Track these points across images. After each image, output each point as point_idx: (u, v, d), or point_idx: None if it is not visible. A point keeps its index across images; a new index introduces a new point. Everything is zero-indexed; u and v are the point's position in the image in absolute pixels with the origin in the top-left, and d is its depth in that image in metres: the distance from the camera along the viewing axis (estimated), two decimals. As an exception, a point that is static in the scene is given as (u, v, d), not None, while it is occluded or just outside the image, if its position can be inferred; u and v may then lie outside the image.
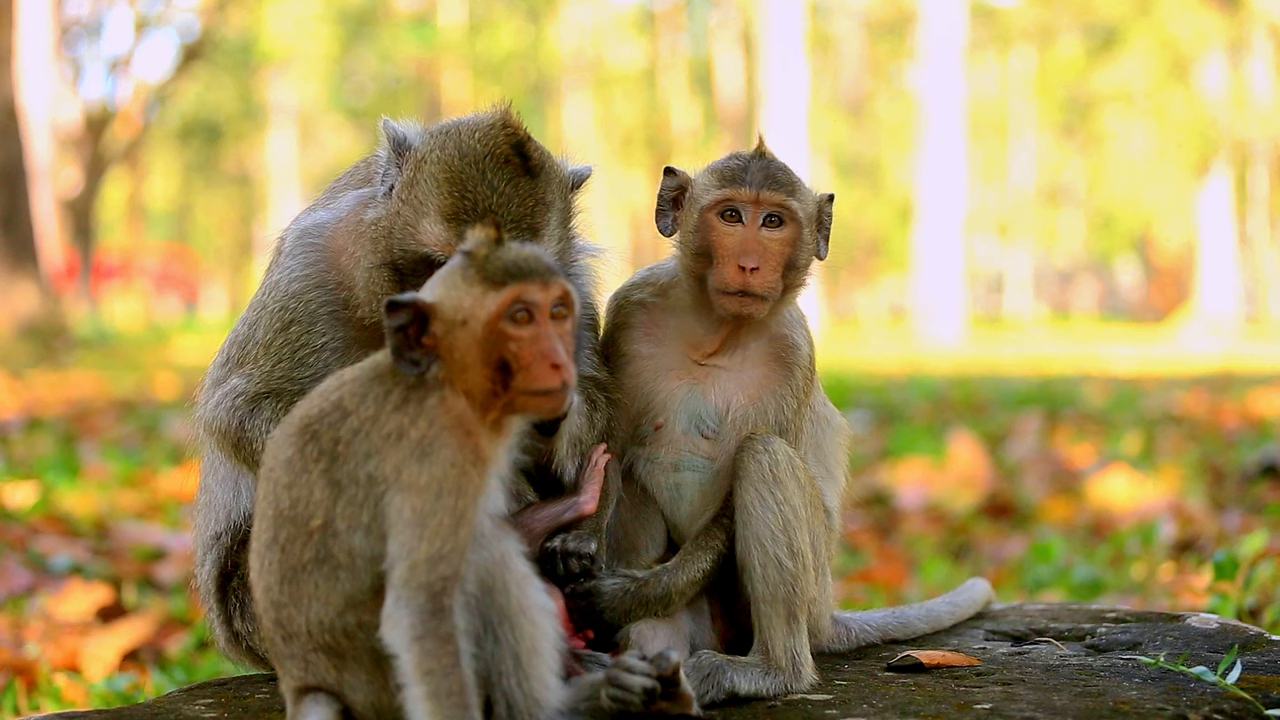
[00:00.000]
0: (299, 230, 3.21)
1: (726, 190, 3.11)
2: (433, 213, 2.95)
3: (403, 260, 2.98)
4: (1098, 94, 47.39)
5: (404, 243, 2.98)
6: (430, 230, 2.95)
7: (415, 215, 2.97)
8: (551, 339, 2.50)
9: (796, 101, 35.24)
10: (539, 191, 2.98)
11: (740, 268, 3.06)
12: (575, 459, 3.11)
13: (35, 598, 5.51)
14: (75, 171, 34.37)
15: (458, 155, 2.97)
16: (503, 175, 2.96)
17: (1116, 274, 68.39)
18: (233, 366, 3.17)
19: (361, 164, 3.33)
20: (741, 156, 3.17)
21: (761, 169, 3.13)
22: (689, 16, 57.63)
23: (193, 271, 62.22)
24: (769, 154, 3.18)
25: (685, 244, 3.17)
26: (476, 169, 2.95)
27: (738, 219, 3.10)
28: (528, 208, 2.96)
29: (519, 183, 2.96)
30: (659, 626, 3.07)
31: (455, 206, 2.93)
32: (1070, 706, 2.83)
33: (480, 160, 2.96)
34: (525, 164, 2.98)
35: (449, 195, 2.94)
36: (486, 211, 2.91)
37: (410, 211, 2.98)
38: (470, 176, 2.95)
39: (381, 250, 3.01)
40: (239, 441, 3.08)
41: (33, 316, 21.35)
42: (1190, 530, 6.81)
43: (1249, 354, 26.06)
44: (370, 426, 2.50)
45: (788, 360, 3.20)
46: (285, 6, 46.77)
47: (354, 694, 2.56)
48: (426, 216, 2.95)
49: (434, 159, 2.98)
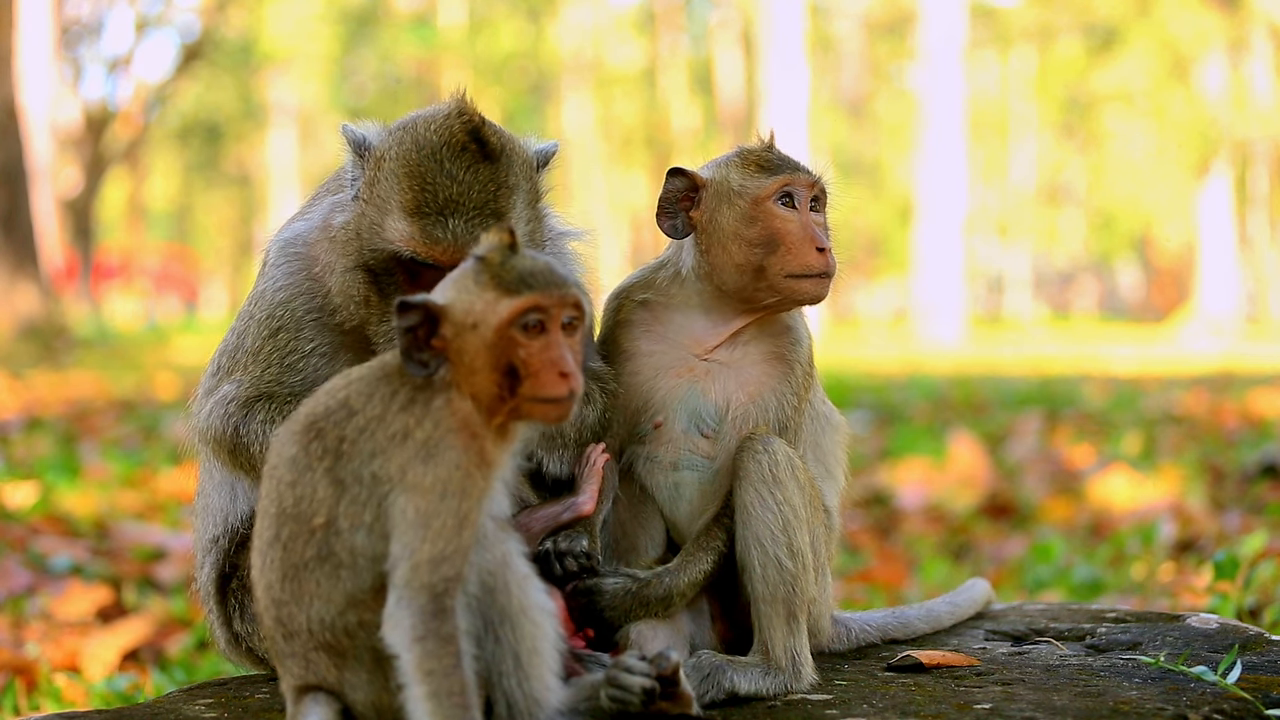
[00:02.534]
0: (281, 241, 3.23)
1: (785, 176, 3.14)
2: (396, 209, 2.94)
3: (373, 260, 2.98)
4: (1098, 94, 47.40)
5: (371, 242, 2.97)
6: (395, 227, 2.94)
7: (379, 214, 2.96)
8: (561, 348, 2.50)
9: (796, 101, 35.23)
10: (500, 175, 2.96)
11: (820, 249, 3.11)
12: (554, 451, 3.12)
13: (35, 598, 5.51)
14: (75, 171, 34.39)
15: (415, 149, 2.96)
16: (461, 163, 2.94)
17: (1116, 274, 68.40)
18: (223, 375, 3.19)
19: (340, 170, 3.33)
20: (764, 148, 3.22)
21: (793, 157, 3.21)
22: (689, 16, 57.64)
23: (193, 271, 62.25)
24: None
25: (735, 237, 3.15)
26: (434, 160, 2.94)
27: (792, 204, 3.15)
28: (489, 193, 2.94)
29: (478, 169, 2.94)
30: (659, 626, 3.07)
31: (417, 200, 2.92)
32: (1070, 706, 2.83)
33: (437, 151, 2.95)
34: (483, 150, 2.96)
35: (410, 190, 2.93)
36: (448, 202, 2.91)
37: (374, 211, 2.97)
38: (429, 169, 2.94)
39: (352, 253, 3.01)
40: (235, 447, 3.09)
41: (33, 316, 21.36)
42: (1190, 530, 6.81)
43: (1249, 354, 26.06)
44: (376, 426, 2.50)
45: (788, 356, 3.21)
46: (285, 6, 46.77)
47: (354, 693, 2.56)
48: (390, 214, 2.95)
49: (393, 155, 2.98)
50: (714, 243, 3.18)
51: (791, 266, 3.11)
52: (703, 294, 3.20)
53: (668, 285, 3.25)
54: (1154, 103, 44.75)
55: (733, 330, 3.19)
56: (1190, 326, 39.39)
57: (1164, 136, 44.41)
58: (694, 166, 3.26)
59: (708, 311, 3.20)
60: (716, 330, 3.20)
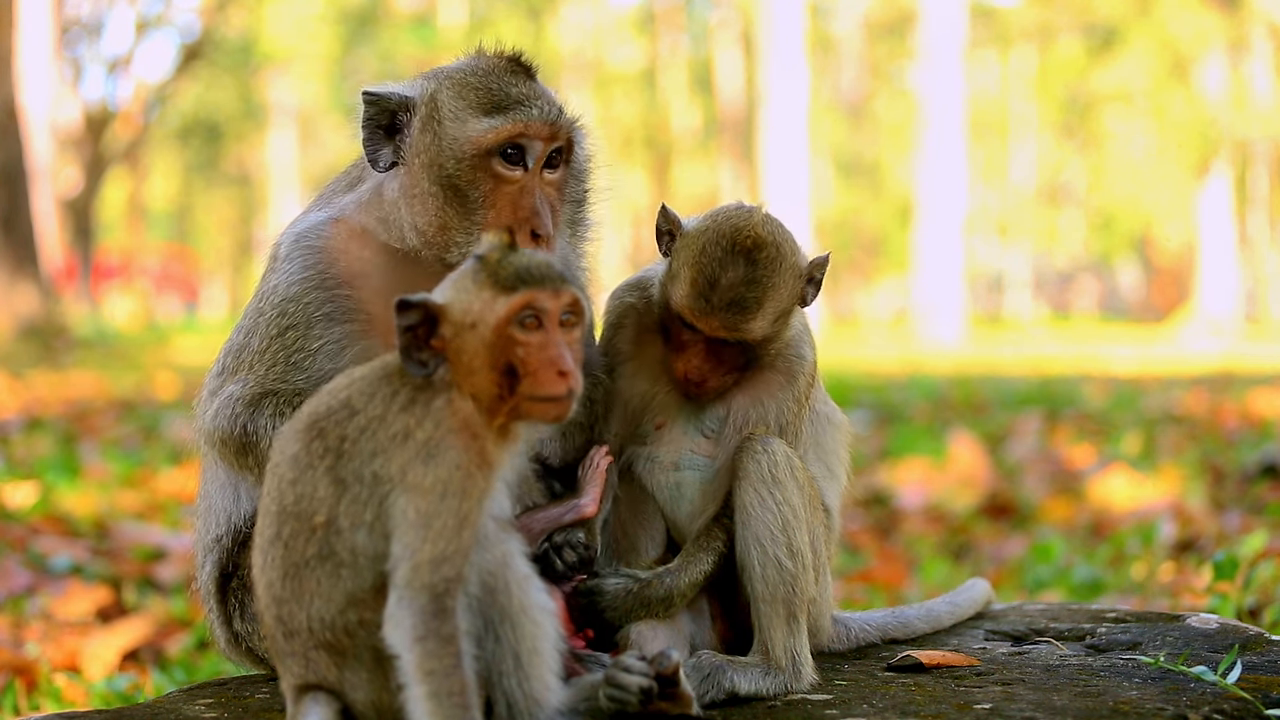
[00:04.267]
0: (294, 235, 3.21)
1: (687, 317, 3.03)
2: (472, 115, 3.06)
3: (458, 171, 3.05)
4: (1098, 94, 47.39)
5: (458, 151, 3.05)
6: (480, 124, 3.05)
7: (457, 124, 3.06)
8: (559, 346, 2.49)
9: (796, 102, 35.24)
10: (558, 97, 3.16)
11: (690, 381, 3.09)
12: (551, 444, 3.13)
13: (35, 598, 5.51)
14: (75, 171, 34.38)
15: (470, 72, 3.13)
16: (522, 76, 3.14)
17: (1116, 274, 68.38)
18: (228, 375, 3.18)
19: (353, 167, 3.32)
20: (710, 277, 2.99)
21: (725, 299, 2.99)
22: (689, 16, 57.62)
23: (193, 271, 62.24)
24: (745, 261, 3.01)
25: (661, 300, 3.13)
26: (493, 77, 3.12)
27: (697, 332, 3.06)
28: (554, 102, 3.13)
29: (534, 85, 3.14)
30: (659, 627, 3.07)
31: (492, 99, 3.07)
32: (1070, 706, 2.83)
33: (493, 69, 3.13)
34: (530, 71, 3.16)
35: (485, 93, 3.08)
36: (519, 98, 3.07)
37: (452, 124, 3.06)
38: (493, 82, 3.10)
39: (434, 180, 3.06)
40: (243, 446, 3.08)
41: (33, 317, 21.36)
42: (1190, 530, 6.81)
43: (1249, 354, 26.05)
44: (377, 425, 2.50)
45: (792, 370, 3.20)
46: (285, 6, 46.76)
47: (354, 692, 2.56)
48: (467, 122, 3.06)
49: (449, 82, 3.11)
50: (664, 281, 3.15)
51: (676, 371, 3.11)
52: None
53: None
54: (1154, 103, 44.74)
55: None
56: (1190, 326, 39.39)
57: (1164, 136, 44.40)
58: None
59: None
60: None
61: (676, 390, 3.17)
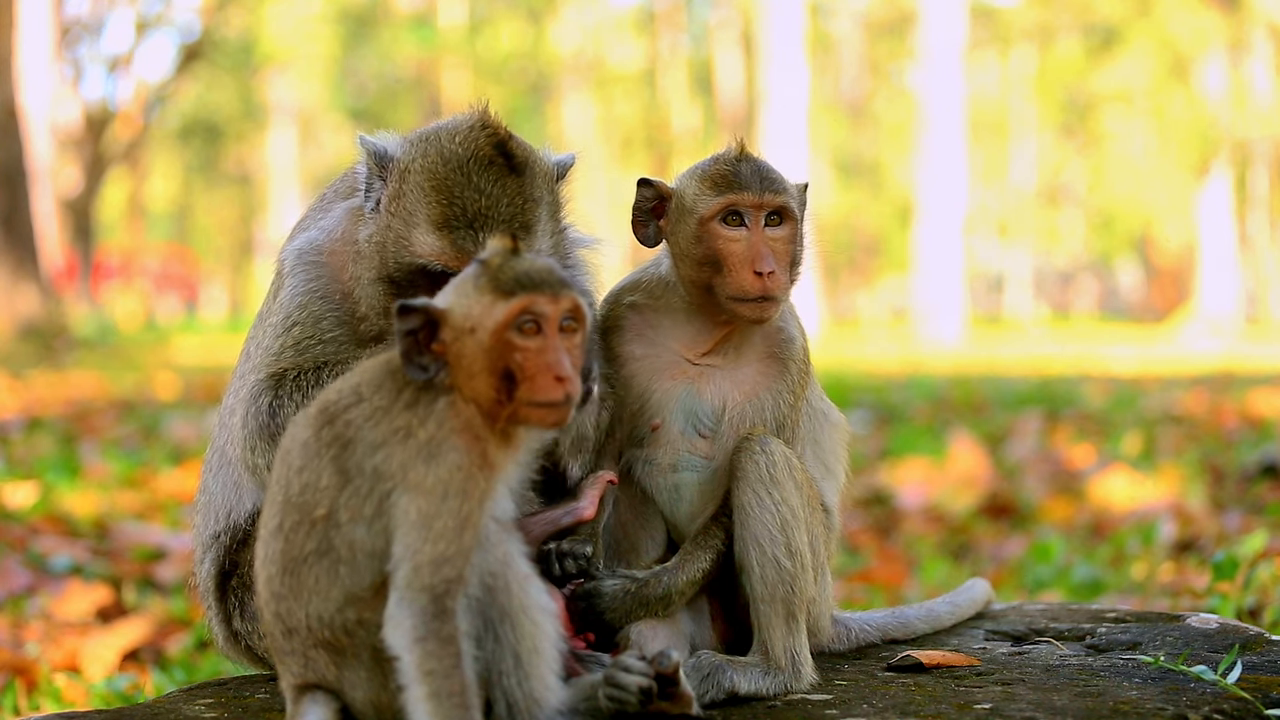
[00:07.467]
0: (296, 251, 3.22)
1: (728, 196, 3.08)
2: (423, 222, 2.95)
3: (398, 272, 2.98)
4: (1098, 94, 47.42)
5: (398, 255, 2.97)
6: (422, 240, 2.94)
7: (406, 227, 2.96)
8: (558, 351, 2.49)
9: (796, 101, 35.22)
10: (526, 189, 2.97)
11: (757, 273, 3.05)
12: (579, 456, 3.11)
13: (35, 598, 5.51)
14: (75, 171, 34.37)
15: (440, 161, 2.97)
16: (488, 177, 2.95)
17: (1116, 274, 68.39)
18: (240, 386, 3.18)
19: (349, 173, 3.31)
20: (728, 159, 3.14)
21: (755, 170, 3.11)
22: (689, 16, 57.61)
23: (193, 271, 62.20)
24: (753, 153, 3.15)
25: (686, 255, 3.14)
26: (461, 173, 2.95)
27: (740, 223, 3.09)
28: (517, 206, 2.95)
29: (505, 183, 2.96)
30: (659, 627, 3.06)
31: (444, 214, 2.93)
32: (1070, 706, 2.83)
33: (464, 164, 2.96)
34: (509, 163, 2.97)
35: (437, 203, 2.94)
36: (476, 215, 2.92)
37: (400, 224, 2.97)
38: (456, 181, 2.95)
39: (377, 265, 3.01)
40: (275, 432, 3.01)
41: (33, 317, 21.37)
42: (1190, 530, 6.81)
43: (1249, 354, 26.05)
44: (381, 416, 2.51)
45: (782, 355, 3.20)
46: (285, 6, 46.75)
47: (353, 692, 2.56)
48: (417, 227, 2.95)
49: (417, 168, 2.98)
50: (676, 255, 3.18)
51: (731, 289, 3.07)
52: (685, 299, 3.19)
53: (656, 289, 3.24)
54: (1154, 103, 44.76)
55: (720, 335, 3.18)
56: (1190, 326, 39.38)
57: (1164, 136, 44.42)
58: (668, 175, 3.24)
59: (691, 317, 3.19)
60: (704, 335, 3.18)
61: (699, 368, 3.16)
